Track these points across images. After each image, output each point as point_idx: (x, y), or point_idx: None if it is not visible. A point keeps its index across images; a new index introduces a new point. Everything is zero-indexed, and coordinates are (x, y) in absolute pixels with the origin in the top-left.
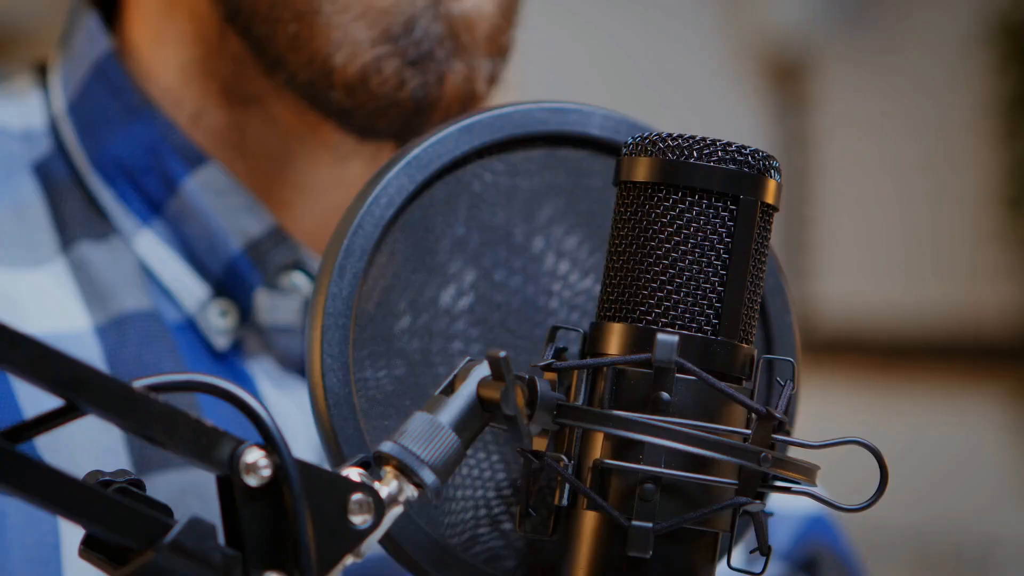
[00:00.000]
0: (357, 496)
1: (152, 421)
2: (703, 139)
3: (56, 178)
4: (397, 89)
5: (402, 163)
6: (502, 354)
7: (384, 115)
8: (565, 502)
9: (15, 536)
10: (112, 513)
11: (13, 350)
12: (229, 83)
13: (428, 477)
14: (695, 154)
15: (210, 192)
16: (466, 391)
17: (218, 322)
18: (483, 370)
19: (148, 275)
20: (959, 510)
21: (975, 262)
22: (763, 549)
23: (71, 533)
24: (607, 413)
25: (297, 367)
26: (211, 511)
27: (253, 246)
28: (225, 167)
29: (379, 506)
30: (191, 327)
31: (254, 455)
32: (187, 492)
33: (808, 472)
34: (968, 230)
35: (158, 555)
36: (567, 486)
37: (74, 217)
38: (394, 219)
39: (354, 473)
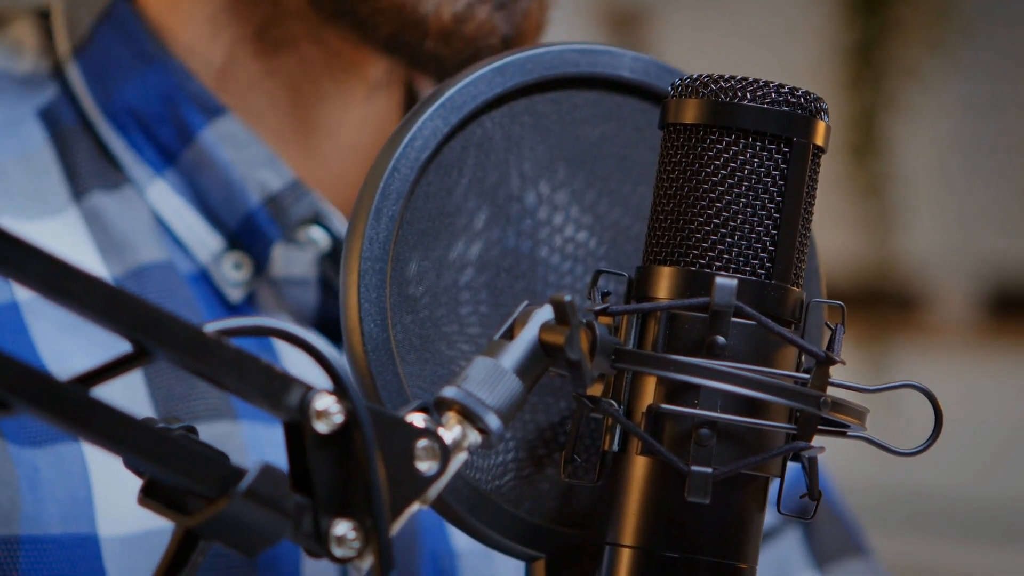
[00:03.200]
0: (423, 442)
1: (224, 366)
2: (755, 80)
3: (64, 125)
4: (489, 34)
5: (436, 104)
6: (567, 298)
7: (473, 60)
8: (615, 447)
9: (48, 491)
10: (187, 460)
11: (89, 294)
12: (263, 28)
13: (493, 422)
14: (748, 95)
15: (228, 144)
16: (528, 335)
17: (232, 274)
18: (543, 315)
19: (161, 226)
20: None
21: (820, 210)
22: (814, 494)
23: (103, 487)
24: (668, 358)
25: (310, 321)
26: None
27: (272, 200)
28: (242, 118)
29: (444, 452)
30: (204, 279)
31: (325, 401)
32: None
33: (861, 416)
34: None
35: (234, 502)
36: (617, 431)
37: (85, 166)
38: (429, 161)
39: (418, 419)
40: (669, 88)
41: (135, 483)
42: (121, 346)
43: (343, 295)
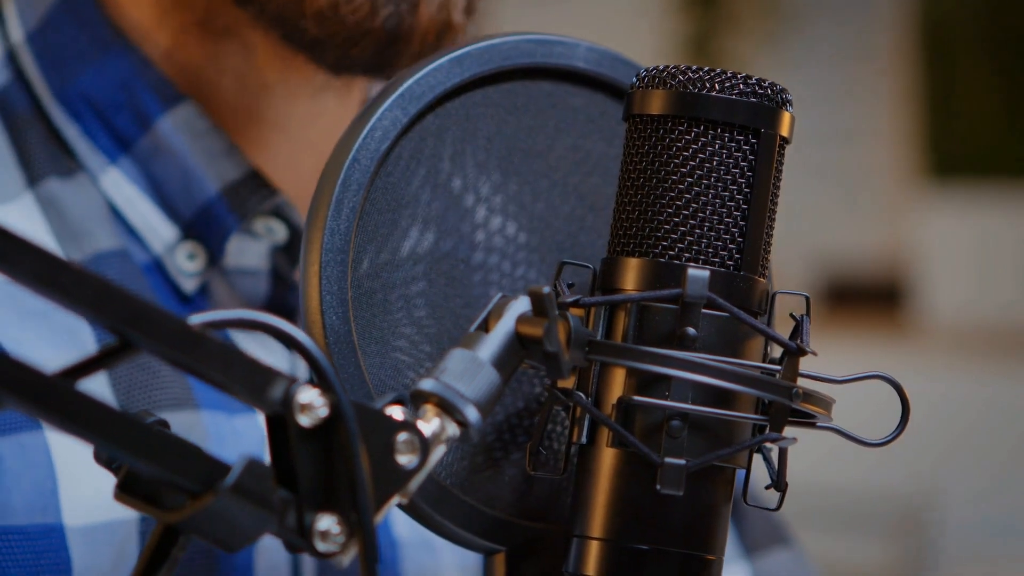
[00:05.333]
0: (403, 436)
1: (210, 359)
2: (722, 71)
3: (16, 111)
4: (369, 18)
5: (395, 95)
6: (546, 290)
7: (356, 45)
8: (584, 440)
9: (13, 481)
10: (172, 454)
11: (79, 287)
12: (205, 16)
13: (472, 414)
14: (716, 86)
15: (187, 132)
16: (504, 327)
17: (186, 265)
18: (519, 306)
19: (115, 214)
20: None
21: None
22: (780, 485)
23: (67, 477)
24: (643, 349)
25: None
26: None
27: (231, 190)
28: (201, 107)
29: (424, 445)
30: (158, 269)
31: (308, 394)
32: None
33: (828, 407)
34: None
35: (219, 497)
36: (585, 424)
37: (38, 152)
38: (388, 151)
39: (396, 412)
40: (621, 79)
41: (99, 472)
42: (81, 336)
43: (304, 287)
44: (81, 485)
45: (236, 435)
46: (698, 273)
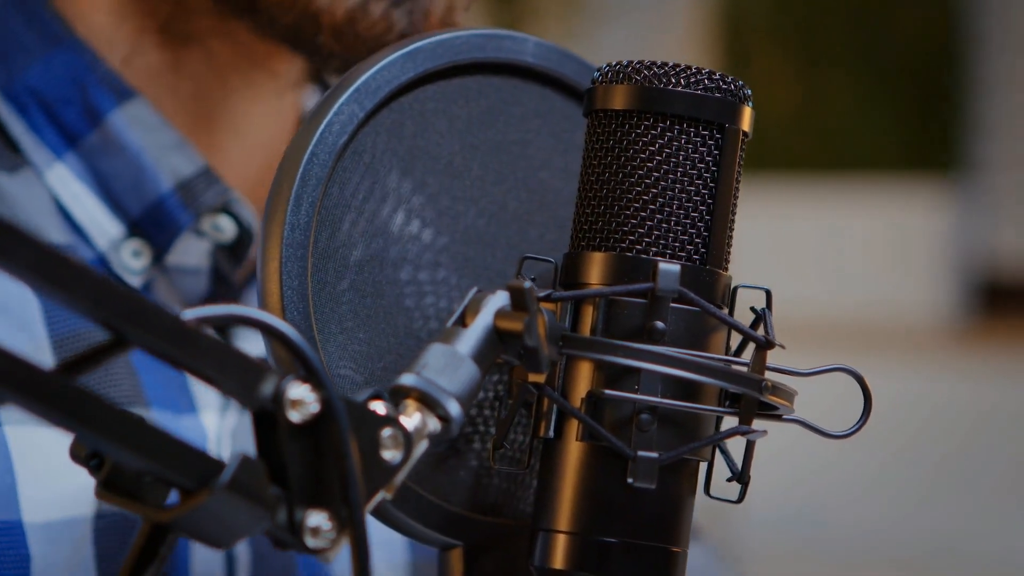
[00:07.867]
0: (387, 431)
1: (203, 356)
2: (687, 67)
3: None
4: (385, 32)
5: (351, 90)
6: (527, 285)
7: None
8: (551, 434)
9: None
10: (169, 452)
11: (78, 283)
12: (167, 22)
13: (454, 409)
14: (682, 82)
15: (139, 127)
16: (483, 322)
17: (131, 262)
18: (497, 301)
19: (61, 211)
20: None
21: None
22: (743, 477)
23: (26, 473)
24: (617, 344)
25: None
26: None
27: (184, 185)
28: (152, 104)
29: (408, 440)
30: (103, 266)
31: (298, 391)
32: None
33: (792, 399)
34: None
35: (214, 495)
36: (553, 417)
37: None
38: (345, 147)
39: (379, 406)
40: (569, 74)
41: (57, 469)
42: (35, 330)
43: (263, 283)
44: (39, 481)
45: (181, 434)
46: (669, 267)
